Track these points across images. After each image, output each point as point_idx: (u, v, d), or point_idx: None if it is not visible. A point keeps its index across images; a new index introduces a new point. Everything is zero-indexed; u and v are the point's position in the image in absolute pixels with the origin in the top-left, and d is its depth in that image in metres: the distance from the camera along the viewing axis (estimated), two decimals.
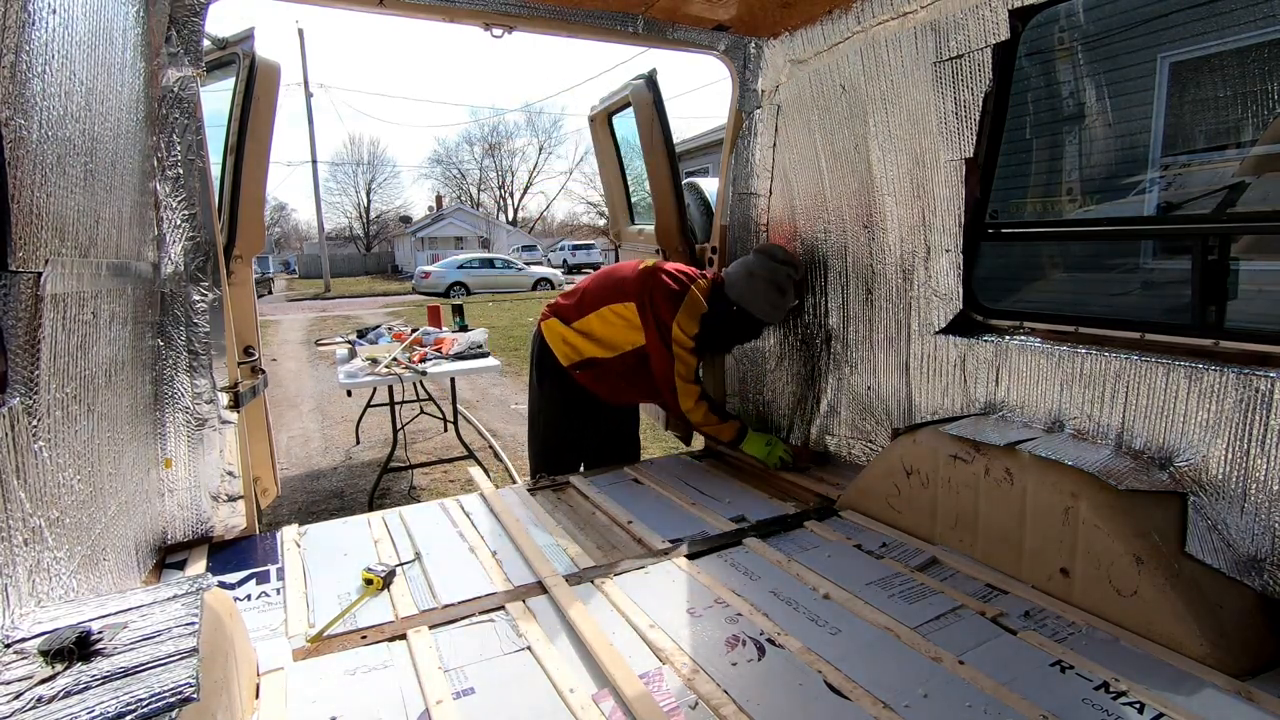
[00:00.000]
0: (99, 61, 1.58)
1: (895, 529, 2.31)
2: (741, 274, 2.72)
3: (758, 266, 2.70)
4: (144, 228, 1.98)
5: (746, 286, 2.70)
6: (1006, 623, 1.73)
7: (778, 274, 2.67)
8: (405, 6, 2.50)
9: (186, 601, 1.22)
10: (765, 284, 2.67)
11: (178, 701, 0.94)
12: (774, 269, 2.68)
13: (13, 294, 1.21)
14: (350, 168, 47.46)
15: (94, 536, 1.52)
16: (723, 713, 1.41)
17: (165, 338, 2.12)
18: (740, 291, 2.71)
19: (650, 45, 2.99)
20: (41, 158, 1.30)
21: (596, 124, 4.11)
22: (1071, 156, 4.93)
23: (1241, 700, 1.43)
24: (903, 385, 2.60)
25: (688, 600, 1.88)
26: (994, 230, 2.37)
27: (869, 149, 2.60)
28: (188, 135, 2.09)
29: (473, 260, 25.56)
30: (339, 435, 5.93)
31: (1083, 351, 2.01)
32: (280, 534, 2.33)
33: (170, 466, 2.17)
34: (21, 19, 1.22)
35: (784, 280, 2.67)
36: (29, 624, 1.13)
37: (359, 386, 4.16)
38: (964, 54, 2.20)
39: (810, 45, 2.77)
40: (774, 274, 2.67)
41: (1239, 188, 2.49)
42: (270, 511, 3.82)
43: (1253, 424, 1.63)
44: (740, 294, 2.71)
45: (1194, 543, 1.68)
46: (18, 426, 1.20)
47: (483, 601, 1.88)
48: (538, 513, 2.49)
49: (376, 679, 1.56)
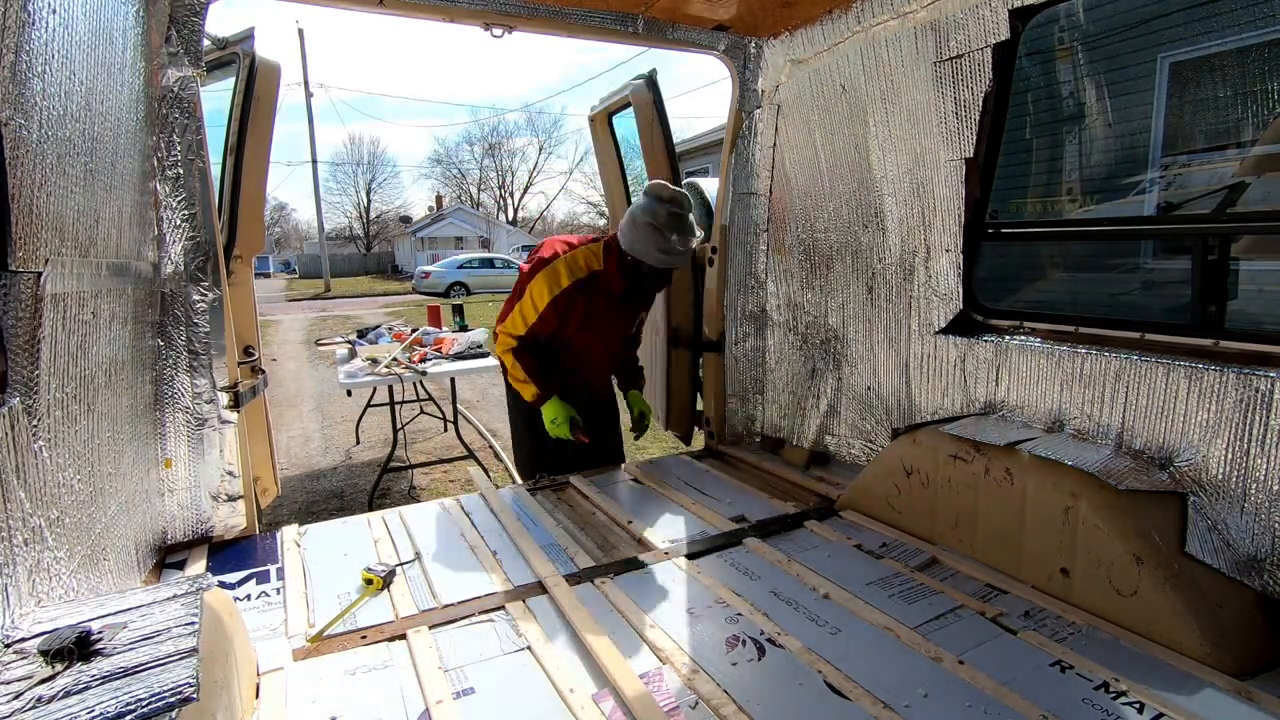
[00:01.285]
0: (99, 61, 1.58)
1: (895, 529, 2.31)
2: (627, 221, 2.52)
3: (639, 209, 2.49)
4: (144, 228, 1.98)
5: (631, 232, 2.49)
6: (1006, 623, 1.73)
7: (658, 214, 2.43)
8: (405, 6, 2.50)
9: (186, 601, 1.22)
10: (646, 228, 2.44)
11: (178, 701, 0.94)
12: (654, 209, 2.45)
13: (13, 294, 1.21)
14: (350, 168, 47.53)
15: (94, 536, 1.52)
16: (723, 713, 1.41)
17: (165, 338, 2.12)
18: (629, 240, 2.50)
19: (650, 45, 2.99)
20: (41, 158, 1.30)
21: (596, 124, 4.11)
22: (1071, 156, 4.93)
23: (1241, 700, 1.43)
24: (903, 385, 2.60)
25: (688, 600, 1.88)
26: (994, 230, 2.37)
27: (869, 149, 2.60)
28: (188, 135, 2.09)
29: (473, 260, 25.56)
30: (339, 435, 5.93)
31: (1083, 351, 2.01)
32: (280, 534, 2.33)
33: (170, 466, 2.17)
34: (21, 19, 1.22)
35: (665, 219, 2.43)
36: (29, 624, 1.13)
37: (359, 386, 4.16)
38: (964, 54, 2.20)
39: (810, 45, 2.77)
40: (654, 215, 2.43)
41: (1239, 188, 2.49)
42: (270, 511, 3.82)
43: (1253, 424, 1.63)
44: (629, 242, 2.50)
45: (1194, 543, 1.68)
46: (18, 426, 1.20)
47: (483, 601, 1.88)
48: (538, 513, 2.49)
49: (376, 679, 1.56)
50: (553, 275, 2.54)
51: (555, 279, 2.53)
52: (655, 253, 2.46)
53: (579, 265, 2.57)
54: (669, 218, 2.44)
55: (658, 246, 2.45)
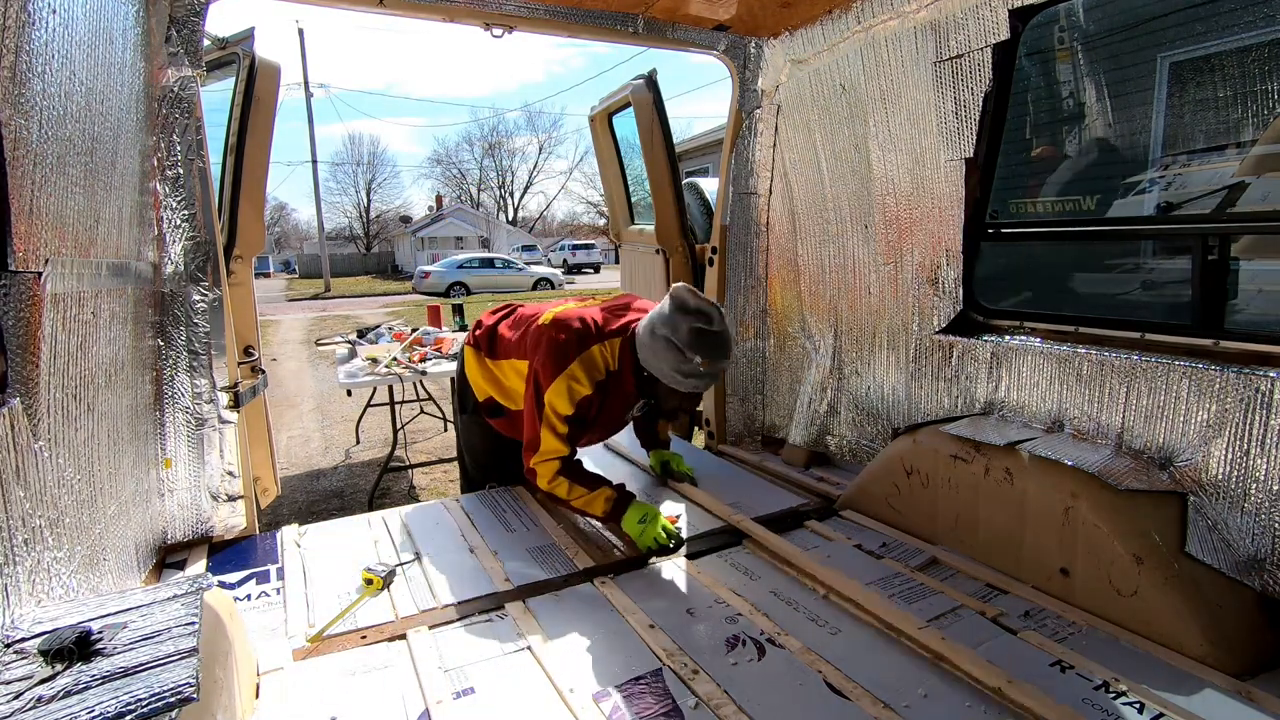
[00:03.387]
0: (99, 61, 1.58)
1: (895, 529, 2.31)
2: (646, 330, 2.11)
3: (658, 319, 2.06)
4: (144, 228, 1.98)
5: (649, 346, 2.08)
6: (1006, 623, 1.73)
7: (679, 330, 1.99)
8: (405, 6, 2.50)
9: (186, 601, 1.22)
10: (664, 343, 2.01)
11: (177, 701, 0.94)
12: (675, 323, 2.00)
13: (13, 294, 1.21)
14: (350, 167, 47.54)
15: (94, 536, 1.52)
16: (722, 713, 1.41)
17: (165, 338, 2.12)
18: (645, 353, 2.11)
19: (650, 45, 2.99)
20: (41, 158, 1.30)
21: (596, 124, 4.11)
22: (1071, 156, 4.93)
23: (1241, 700, 1.43)
24: (903, 385, 2.60)
25: (688, 600, 1.88)
26: (994, 230, 2.37)
27: (869, 149, 2.60)
28: (188, 135, 2.09)
29: (473, 260, 25.55)
30: (339, 435, 5.92)
31: (1083, 351, 2.01)
32: (280, 534, 2.33)
33: (170, 466, 2.17)
34: (21, 19, 1.22)
35: (688, 338, 1.97)
36: (29, 624, 1.13)
37: (359, 386, 4.16)
38: (964, 54, 2.20)
39: (810, 45, 2.77)
40: (675, 330, 1.99)
41: (1239, 188, 2.49)
42: (270, 511, 3.82)
43: (1253, 424, 1.63)
44: (645, 356, 2.11)
45: (1194, 543, 1.68)
46: (18, 426, 1.20)
47: (483, 601, 1.88)
48: (537, 512, 2.49)
49: (376, 679, 1.56)
50: (569, 383, 2.12)
51: (572, 387, 2.13)
52: (672, 374, 2.04)
53: (597, 367, 2.16)
54: (692, 335, 1.97)
55: (675, 368, 2.02)
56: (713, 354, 1.99)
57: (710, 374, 2.04)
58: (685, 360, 1.99)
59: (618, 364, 2.20)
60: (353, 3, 2.47)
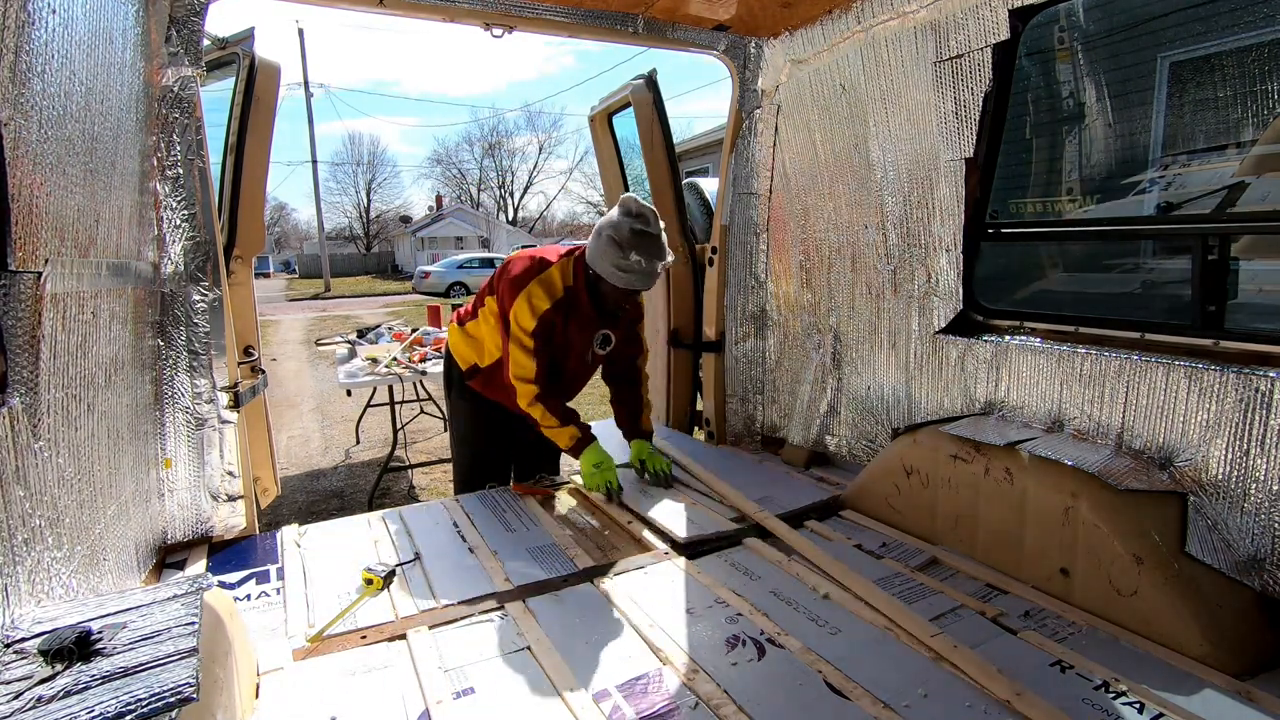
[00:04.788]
0: (99, 61, 1.58)
1: (895, 529, 2.31)
2: (595, 233, 2.31)
3: (607, 223, 2.27)
4: (144, 228, 1.98)
5: (595, 247, 2.28)
6: (1006, 623, 1.73)
7: (621, 229, 2.20)
8: (405, 6, 2.50)
9: (186, 601, 1.22)
10: (607, 241, 2.23)
11: (177, 701, 0.94)
12: (618, 223, 2.23)
13: (13, 294, 1.21)
14: (350, 167, 47.55)
15: (94, 536, 1.52)
16: (722, 713, 1.41)
17: (165, 338, 2.12)
18: (591, 254, 2.30)
19: (650, 45, 2.99)
20: (41, 158, 1.30)
21: (596, 124, 4.11)
22: (1071, 156, 4.93)
23: (1241, 700, 1.43)
24: (903, 385, 2.60)
25: (688, 600, 1.88)
26: (994, 230, 2.37)
27: (869, 149, 2.60)
28: (188, 135, 2.09)
29: (473, 260, 25.56)
30: (339, 435, 5.92)
31: (1083, 351, 2.01)
32: (280, 534, 2.33)
33: (170, 466, 2.16)
34: (21, 19, 1.22)
35: (627, 235, 2.19)
36: (29, 624, 1.13)
37: (359, 386, 4.17)
38: (964, 54, 2.20)
39: (810, 45, 2.77)
40: (618, 229, 2.21)
41: (1239, 188, 2.49)
42: (270, 511, 3.82)
43: (1253, 424, 1.63)
44: (591, 257, 2.30)
45: (1194, 543, 1.68)
46: (18, 426, 1.20)
47: (483, 601, 1.88)
48: (537, 513, 2.49)
49: (376, 679, 1.56)
50: (529, 299, 2.32)
51: (532, 302, 2.32)
52: (612, 269, 2.24)
53: (554, 284, 2.35)
54: (631, 234, 2.20)
55: (614, 263, 2.22)
56: (648, 252, 2.22)
57: (646, 272, 2.25)
58: (624, 256, 2.21)
59: (573, 279, 2.39)
60: (353, 2, 2.47)
